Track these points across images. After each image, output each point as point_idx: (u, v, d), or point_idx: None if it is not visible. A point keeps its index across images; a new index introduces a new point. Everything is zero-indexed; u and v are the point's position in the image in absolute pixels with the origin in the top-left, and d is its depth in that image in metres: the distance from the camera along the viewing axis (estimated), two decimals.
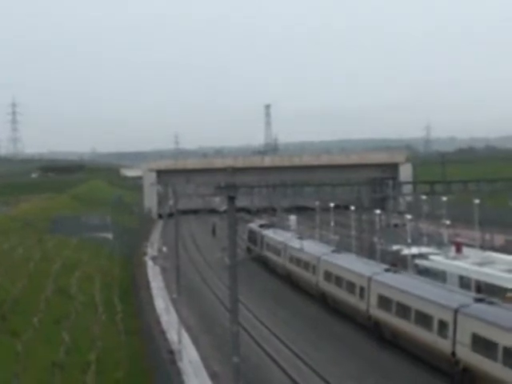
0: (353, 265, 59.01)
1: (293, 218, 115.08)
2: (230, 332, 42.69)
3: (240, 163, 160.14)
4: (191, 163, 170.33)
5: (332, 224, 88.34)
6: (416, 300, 45.68)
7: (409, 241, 69.88)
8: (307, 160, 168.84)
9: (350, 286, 56.44)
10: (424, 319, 44.04)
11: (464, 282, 56.01)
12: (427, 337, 43.48)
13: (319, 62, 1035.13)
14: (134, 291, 71.21)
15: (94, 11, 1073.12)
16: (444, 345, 41.50)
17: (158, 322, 58.02)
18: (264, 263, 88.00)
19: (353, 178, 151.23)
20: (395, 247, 74.62)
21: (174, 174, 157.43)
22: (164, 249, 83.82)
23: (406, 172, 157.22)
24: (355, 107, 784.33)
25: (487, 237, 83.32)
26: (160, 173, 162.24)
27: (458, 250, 69.12)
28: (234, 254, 44.10)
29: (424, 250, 70.34)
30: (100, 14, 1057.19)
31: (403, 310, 46.89)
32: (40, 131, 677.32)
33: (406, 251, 68.96)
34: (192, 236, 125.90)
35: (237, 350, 41.81)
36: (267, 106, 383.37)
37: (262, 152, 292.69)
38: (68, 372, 40.87)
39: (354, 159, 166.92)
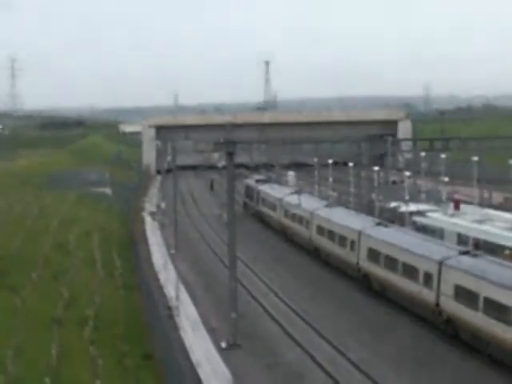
0: (344, 219, 59.67)
1: (291, 173, 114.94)
2: (229, 288, 43.01)
3: (239, 119, 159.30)
4: (190, 119, 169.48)
5: (330, 180, 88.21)
6: (403, 253, 46.64)
7: (407, 198, 69.80)
8: (306, 116, 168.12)
9: (342, 240, 57.26)
10: (410, 271, 45.09)
11: (462, 240, 56.09)
12: (413, 288, 44.53)
13: (320, 20, 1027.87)
14: (133, 247, 71.34)
15: None
16: (429, 296, 42.62)
17: (157, 278, 58.17)
18: (260, 218, 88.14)
19: (352, 134, 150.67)
20: (393, 204, 74.58)
21: (173, 130, 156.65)
22: (162, 205, 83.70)
23: (405, 129, 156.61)
24: (355, 64, 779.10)
25: (486, 194, 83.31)
26: (159, 129, 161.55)
27: (457, 207, 69.18)
28: (233, 209, 44.16)
29: (422, 207, 70.36)
30: None
31: (391, 263, 47.90)
32: (40, 87, 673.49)
33: (404, 208, 68.96)
34: (190, 192, 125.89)
35: (235, 306, 42.10)
36: (266, 63, 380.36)
37: (261, 108, 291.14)
38: (66, 327, 41.07)
39: (353, 116, 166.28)
